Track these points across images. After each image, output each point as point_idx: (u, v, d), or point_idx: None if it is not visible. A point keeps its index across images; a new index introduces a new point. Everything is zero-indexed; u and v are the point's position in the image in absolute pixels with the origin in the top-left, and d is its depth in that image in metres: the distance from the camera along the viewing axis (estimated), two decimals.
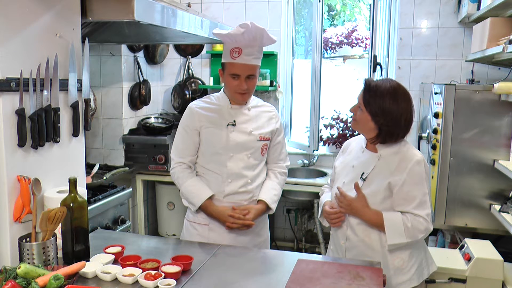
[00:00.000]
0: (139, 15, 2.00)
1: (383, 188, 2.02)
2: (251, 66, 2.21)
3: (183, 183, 2.33)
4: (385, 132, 2.02)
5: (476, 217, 3.19)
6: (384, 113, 1.99)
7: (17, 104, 1.80)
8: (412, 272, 2.05)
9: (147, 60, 4.42)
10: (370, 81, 2.07)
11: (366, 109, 2.03)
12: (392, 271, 2.03)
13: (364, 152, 2.14)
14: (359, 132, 2.18)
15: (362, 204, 2.03)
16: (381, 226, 2.00)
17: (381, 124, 2.01)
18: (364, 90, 2.06)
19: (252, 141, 2.31)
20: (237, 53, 2.18)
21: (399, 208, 2.01)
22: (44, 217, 1.68)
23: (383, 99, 2.00)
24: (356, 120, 2.09)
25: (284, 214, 4.61)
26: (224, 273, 1.82)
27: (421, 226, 1.98)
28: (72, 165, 2.12)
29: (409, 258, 2.05)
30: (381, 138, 2.05)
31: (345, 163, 2.21)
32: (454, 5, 3.90)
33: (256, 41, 2.17)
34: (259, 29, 2.13)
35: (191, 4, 3.39)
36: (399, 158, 2.03)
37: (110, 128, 4.14)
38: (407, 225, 1.97)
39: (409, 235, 1.97)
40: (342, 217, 2.12)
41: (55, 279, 1.55)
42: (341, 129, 4.46)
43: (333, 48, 8.38)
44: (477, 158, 3.14)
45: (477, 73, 3.87)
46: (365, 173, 2.07)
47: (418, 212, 1.98)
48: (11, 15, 1.76)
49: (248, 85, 2.23)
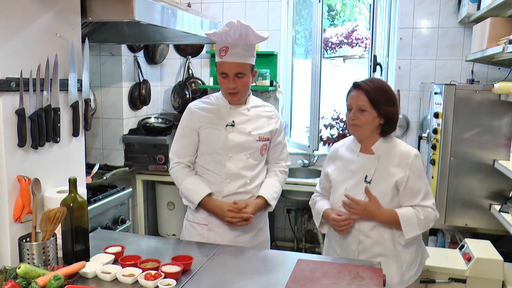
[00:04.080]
0: (139, 15, 2.00)
1: (391, 187, 2.06)
2: (238, 64, 2.18)
3: (182, 182, 2.33)
4: (392, 120, 2.09)
5: (476, 217, 3.19)
6: (387, 101, 2.07)
7: (17, 104, 1.80)
8: (418, 264, 2.15)
9: (147, 60, 4.42)
10: (359, 83, 2.10)
11: (373, 106, 2.05)
12: (405, 266, 2.09)
13: (360, 156, 2.14)
14: (359, 138, 2.16)
15: (376, 206, 2.06)
16: (396, 224, 2.04)
17: (388, 112, 2.06)
18: (361, 92, 2.07)
19: (251, 142, 2.30)
20: (224, 52, 2.19)
21: (407, 203, 2.07)
22: (44, 217, 1.68)
23: (384, 90, 2.09)
24: (359, 125, 2.08)
25: (284, 214, 4.61)
26: (224, 273, 1.82)
27: (431, 216, 2.07)
28: (72, 165, 2.12)
29: (416, 251, 2.13)
30: (384, 129, 2.10)
31: (340, 169, 2.21)
32: (454, 5, 3.90)
33: (242, 38, 2.16)
34: (244, 26, 2.12)
35: (191, 4, 3.39)
36: (398, 154, 2.09)
37: (110, 128, 4.14)
38: (420, 218, 2.04)
39: (422, 226, 2.06)
40: (351, 223, 2.12)
41: (55, 279, 1.55)
42: (341, 129, 4.46)
43: (333, 48, 8.38)
44: (477, 158, 3.14)
45: (477, 73, 3.87)
46: (368, 176, 2.09)
47: (425, 203, 2.07)
48: (12, 15, 1.76)
49: (237, 84, 2.21)
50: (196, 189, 2.29)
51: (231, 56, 2.17)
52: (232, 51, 2.17)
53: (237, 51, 2.17)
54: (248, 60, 2.21)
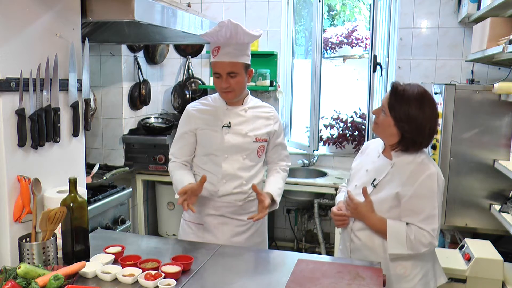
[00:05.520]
0: (139, 15, 2.00)
1: (391, 197, 1.98)
2: (229, 63, 2.18)
3: (173, 175, 2.34)
4: (408, 139, 1.95)
5: (476, 217, 3.19)
6: (409, 119, 1.92)
7: (17, 104, 1.80)
8: (415, 281, 2.01)
9: (147, 60, 4.42)
10: (397, 84, 1.99)
11: (390, 114, 1.95)
12: (393, 277, 2.01)
13: (380, 157, 2.09)
14: (378, 137, 2.12)
15: (367, 209, 2.00)
16: (384, 233, 1.97)
17: (404, 131, 1.94)
18: (390, 94, 1.99)
19: (247, 143, 2.30)
20: (216, 52, 2.19)
21: (405, 219, 1.96)
22: (44, 217, 1.68)
23: (409, 105, 1.92)
24: (378, 124, 2.02)
25: (284, 214, 4.61)
26: (224, 273, 1.82)
27: (424, 240, 1.91)
28: (72, 165, 2.12)
29: (413, 266, 2.01)
30: (402, 146, 1.98)
31: (361, 165, 2.18)
32: (454, 5, 3.90)
33: (233, 38, 2.15)
34: (234, 25, 2.11)
35: (191, 4, 3.39)
36: (412, 169, 1.96)
37: (110, 128, 4.14)
38: (409, 237, 1.91)
39: (411, 247, 1.92)
40: (346, 220, 2.10)
41: (55, 279, 1.55)
42: (341, 129, 4.46)
43: (333, 48, 8.37)
44: (477, 158, 3.14)
45: (477, 73, 3.87)
46: (376, 180, 2.04)
47: (424, 226, 1.92)
48: (11, 15, 1.76)
49: (230, 83, 2.21)
50: (182, 179, 2.28)
51: (223, 56, 2.18)
52: (223, 50, 2.18)
53: (228, 50, 2.17)
54: (240, 59, 2.20)
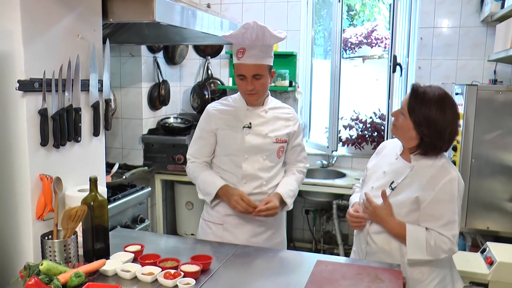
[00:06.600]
0: (159, 16, 2.02)
1: (410, 201, 1.93)
2: (255, 66, 2.17)
3: (198, 176, 2.32)
4: (427, 143, 1.90)
5: (498, 220, 3.13)
6: (428, 123, 1.87)
7: (40, 104, 1.83)
8: (432, 286, 1.97)
9: (167, 60, 4.46)
10: (418, 86, 1.95)
11: (410, 117, 1.90)
12: (410, 281, 1.97)
13: (398, 160, 2.05)
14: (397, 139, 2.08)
15: (387, 212, 1.96)
16: (403, 237, 1.93)
17: (424, 135, 1.89)
18: (410, 96, 1.95)
19: (268, 144, 2.30)
20: (241, 54, 2.18)
21: (425, 224, 1.92)
22: (65, 215, 1.71)
23: (429, 108, 1.87)
24: (397, 126, 1.98)
25: (302, 215, 4.60)
26: (242, 273, 1.83)
27: (444, 246, 1.87)
28: (92, 164, 2.15)
29: (430, 271, 1.97)
30: (421, 149, 1.93)
31: (377, 166, 2.14)
32: (476, 4, 3.83)
33: (259, 40, 2.14)
34: (261, 27, 2.10)
35: (211, 5, 3.40)
36: (432, 173, 1.91)
37: (130, 128, 4.18)
38: (429, 243, 1.87)
39: (431, 252, 1.88)
40: (363, 222, 2.07)
41: (76, 276, 1.57)
42: (360, 130, 4.43)
43: (352, 48, 8.31)
44: (499, 160, 3.08)
45: (500, 73, 3.80)
46: (394, 183, 1.99)
47: (444, 232, 1.87)
48: (36, 18, 1.79)
49: (255, 86, 2.20)
50: (213, 180, 2.29)
51: (248, 58, 2.17)
52: (249, 52, 2.16)
53: (254, 52, 2.16)
54: (265, 61, 2.20)
